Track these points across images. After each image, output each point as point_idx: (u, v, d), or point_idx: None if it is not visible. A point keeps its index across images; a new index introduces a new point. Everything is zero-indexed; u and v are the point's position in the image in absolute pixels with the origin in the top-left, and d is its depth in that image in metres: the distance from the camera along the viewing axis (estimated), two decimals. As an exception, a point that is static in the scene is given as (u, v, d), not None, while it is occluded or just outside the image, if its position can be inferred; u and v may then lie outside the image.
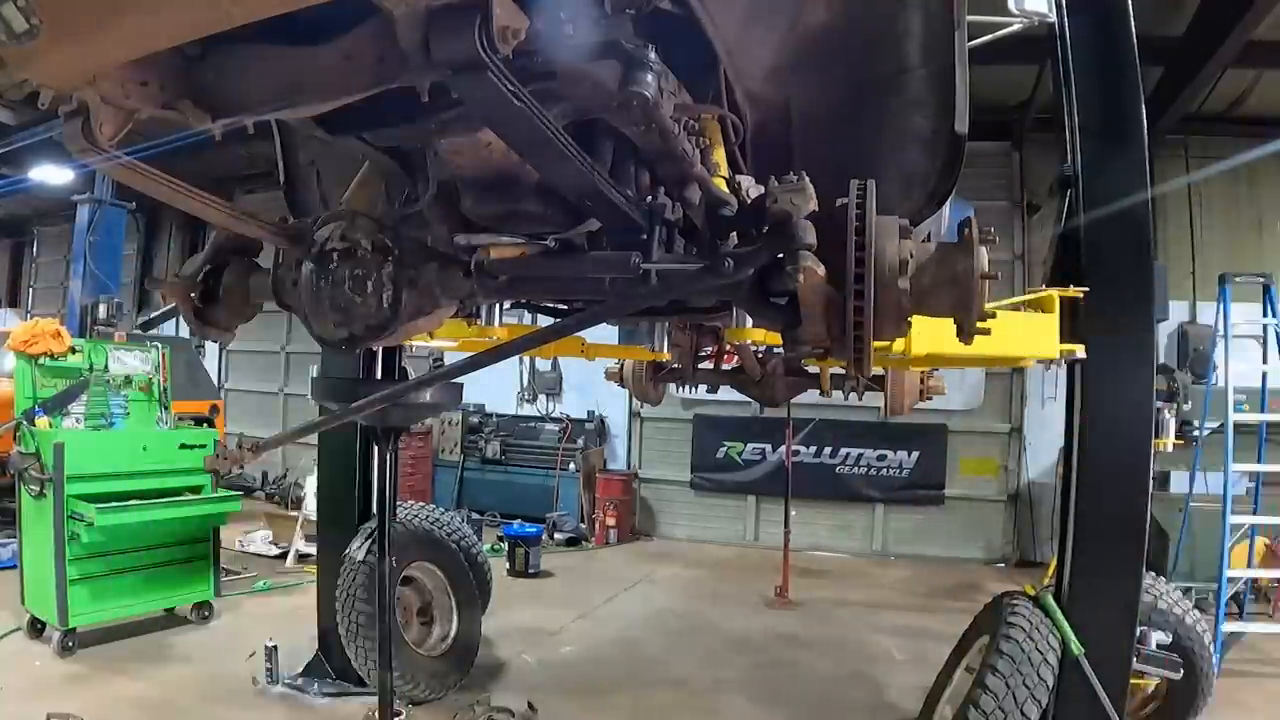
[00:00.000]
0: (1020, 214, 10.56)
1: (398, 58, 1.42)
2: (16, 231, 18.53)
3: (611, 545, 10.95)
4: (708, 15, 1.91)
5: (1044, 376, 9.92)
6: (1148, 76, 4.82)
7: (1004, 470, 10.74)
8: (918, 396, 6.40)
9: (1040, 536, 10.37)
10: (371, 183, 2.34)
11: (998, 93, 9.69)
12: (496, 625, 6.47)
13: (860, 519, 11.10)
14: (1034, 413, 10.48)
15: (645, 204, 2.02)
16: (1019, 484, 10.62)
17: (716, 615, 7.83)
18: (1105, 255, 3.90)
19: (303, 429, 3.24)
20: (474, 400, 12.39)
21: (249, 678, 5.50)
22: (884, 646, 6.94)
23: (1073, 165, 3.98)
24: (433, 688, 5.28)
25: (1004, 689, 3.75)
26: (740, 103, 2.29)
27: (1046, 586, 4.24)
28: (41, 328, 6.48)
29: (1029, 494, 10.52)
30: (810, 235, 1.86)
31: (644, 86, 1.68)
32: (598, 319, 2.39)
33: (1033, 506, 10.48)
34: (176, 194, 1.88)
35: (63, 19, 1.30)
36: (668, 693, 5.87)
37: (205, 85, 1.64)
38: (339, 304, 2.19)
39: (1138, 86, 3.92)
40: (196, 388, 10.93)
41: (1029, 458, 10.53)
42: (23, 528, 6.21)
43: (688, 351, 6.20)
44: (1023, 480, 10.60)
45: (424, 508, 6.25)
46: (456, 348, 4.97)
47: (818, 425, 10.76)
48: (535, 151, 1.74)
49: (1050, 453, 9.61)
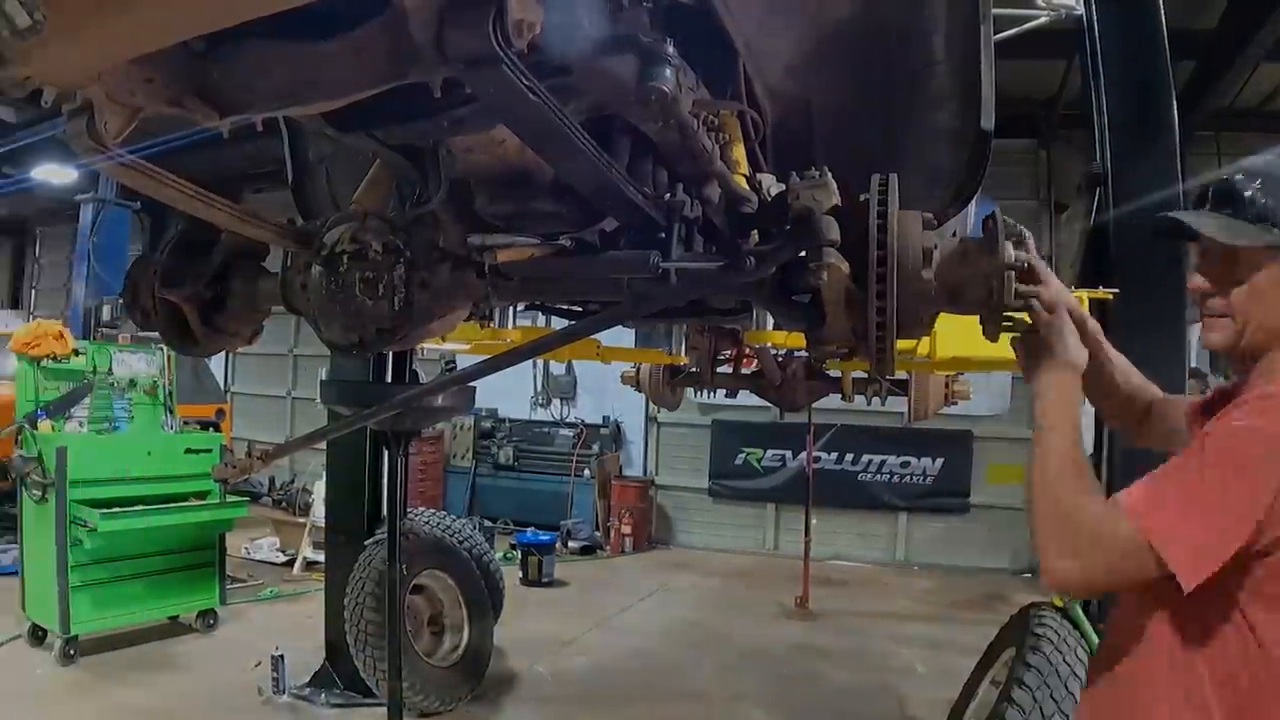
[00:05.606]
0: (1048, 213, 10.39)
1: (410, 53, 1.38)
2: (18, 231, 18.55)
3: (627, 554, 10.88)
4: (726, 9, 1.86)
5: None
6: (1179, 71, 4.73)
7: (1032, 477, 10.59)
8: (943, 401, 6.30)
9: (1068, 546, 10.22)
10: (382, 182, 2.29)
11: (1024, 88, 9.59)
12: (509, 635, 6.42)
13: (883, 527, 10.98)
14: (1063, 418, 10.34)
15: (664, 201, 1.98)
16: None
17: (734, 626, 7.76)
18: (1135, 255, 3.83)
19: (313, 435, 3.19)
20: (487, 405, 12.33)
21: (255, 687, 5.47)
22: (906, 659, 6.85)
23: (1102, 163, 3.92)
24: (443, 699, 5.23)
25: (1031, 703, 3.68)
26: (760, 98, 2.24)
27: (1074, 598, 4.17)
28: (44, 329, 6.47)
29: (1058, 502, 10.37)
30: (833, 231, 1.82)
31: (662, 81, 1.63)
32: (615, 320, 2.34)
33: (1062, 515, 10.33)
34: (181, 195, 1.84)
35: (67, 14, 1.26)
36: (684, 705, 5.81)
37: (212, 82, 1.59)
38: (349, 307, 2.14)
39: (1168, 81, 3.85)
40: (202, 391, 10.94)
41: (1058, 465, 10.39)
42: (24, 533, 6.20)
43: (706, 355, 6.14)
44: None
45: (435, 514, 6.22)
46: (469, 351, 4.94)
47: (839, 431, 10.65)
48: (551, 148, 1.69)
49: (1079, 459, 9.47)
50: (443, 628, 5.70)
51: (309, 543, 8.74)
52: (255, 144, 4.15)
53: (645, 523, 11.25)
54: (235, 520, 6.68)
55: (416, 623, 5.55)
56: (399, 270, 2.11)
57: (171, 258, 2.48)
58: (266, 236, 2.24)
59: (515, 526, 10.81)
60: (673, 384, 6.91)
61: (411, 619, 5.40)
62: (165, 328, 2.52)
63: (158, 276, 2.44)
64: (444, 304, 2.20)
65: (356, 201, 2.28)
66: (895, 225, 1.81)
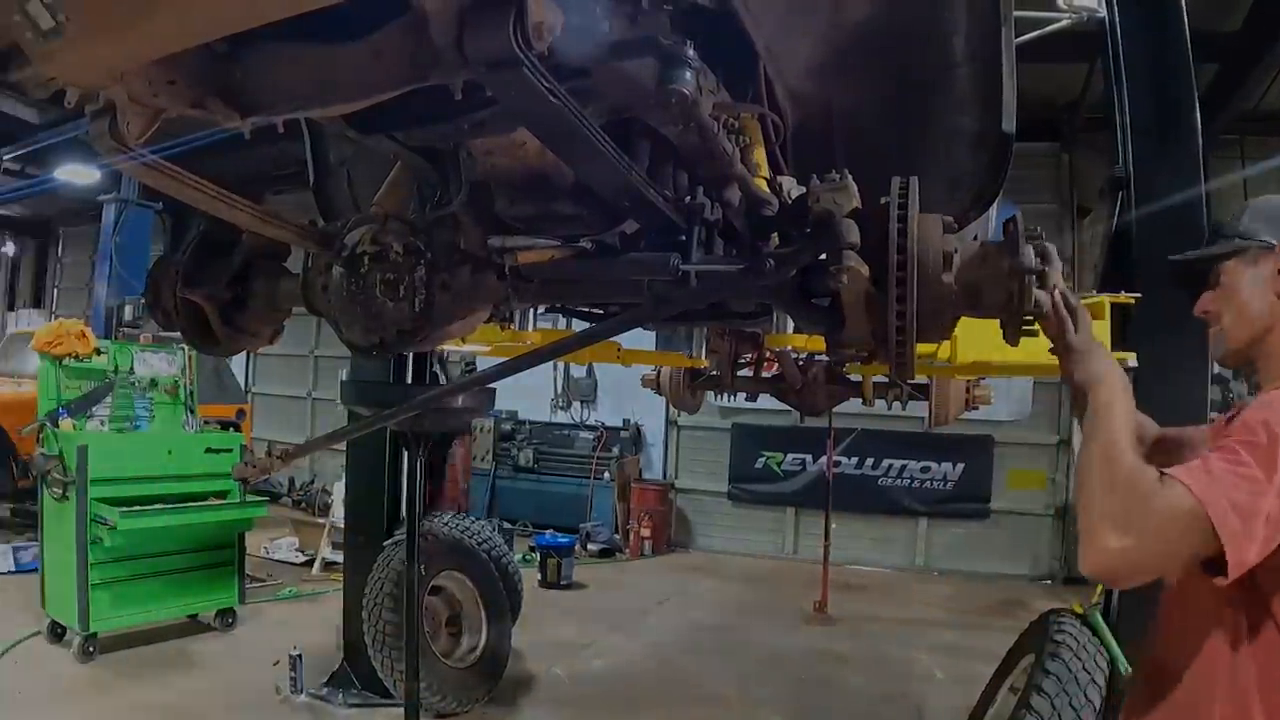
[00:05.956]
0: (1070, 217, 10.30)
1: (430, 55, 1.38)
2: (41, 231, 18.77)
3: (646, 557, 10.86)
4: (747, 10, 1.86)
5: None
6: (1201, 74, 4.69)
7: (1052, 483, 10.46)
8: (963, 406, 6.24)
9: (1088, 553, 10.10)
10: (403, 184, 2.30)
11: (1046, 92, 9.50)
12: (527, 637, 6.42)
13: (902, 532, 10.90)
14: (1084, 424, 10.23)
15: (684, 204, 1.97)
16: (1068, 498, 10.32)
17: (753, 630, 7.72)
18: (1158, 259, 3.78)
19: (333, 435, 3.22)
20: (507, 407, 12.35)
21: (273, 687, 5.49)
22: (925, 665, 6.79)
23: (1124, 166, 3.87)
24: (460, 700, 5.23)
25: (1049, 710, 3.64)
26: (781, 101, 2.23)
27: (1095, 604, 4.13)
28: (66, 328, 6.53)
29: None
30: (854, 234, 1.81)
31: (682, 84, 1.63)
32: (635, 322, 2.34)
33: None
34: (203, 195, 1.86)
35: (90, 15, 1.28)
36: (702, 709, 5.78)
37: (234, 83, 1.61)
38: (370, 309, 2.14)
39: (1191, 84, 3.81)
40: (223, 391, 10.99)
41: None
42: (44, 530, 6.25)
43: (726, 358, 6.11)
44: (1072, 494, 10.33)
45: (454, 515, 6.23)
46: (489, 353, 4.94)
47: (860, 435, 10.57)
48: (572, 150, 1.69)
49: (1100, 466, 9.37)
50: (461, 629, 5.71)
51: (328, 543, 8.78)
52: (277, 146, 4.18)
53: (664, 526, 11.22)
54: (255, 520, 6.70)
55: (434, 624, 5.56)
56: (419, 272, 2.12)
57: (193, 258, 2.50)
58: (288, 237, 2.25)
59: (534, 529, 10.80)
60: (693, 387, 6.88)
61: (430, 620, 5.41)
62: (187, 327, 2.54)
63: (179, 276, 2.46)
64: (464, 306, 2.20)
65: (377, 203, 2.29)
66: (915, 228, 1.79)
